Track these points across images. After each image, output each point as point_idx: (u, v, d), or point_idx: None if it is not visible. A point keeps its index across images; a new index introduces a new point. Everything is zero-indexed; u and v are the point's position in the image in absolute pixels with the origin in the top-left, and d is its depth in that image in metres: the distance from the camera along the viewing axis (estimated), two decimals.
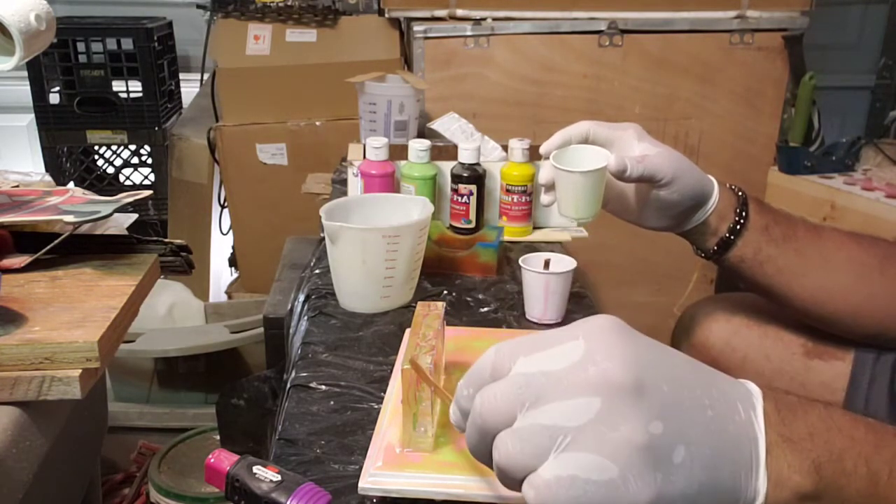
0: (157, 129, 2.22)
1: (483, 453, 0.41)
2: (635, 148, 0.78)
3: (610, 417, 0.37)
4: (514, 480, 0.39)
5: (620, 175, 0.75)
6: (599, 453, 0.37)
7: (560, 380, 0.38)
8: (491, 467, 0.41)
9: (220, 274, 2.17)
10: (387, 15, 1.77)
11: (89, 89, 2.19)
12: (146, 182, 2.44)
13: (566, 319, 0.93)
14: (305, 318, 0.94)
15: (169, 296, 1.87)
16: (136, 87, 2.20)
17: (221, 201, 2.03)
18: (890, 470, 0.43)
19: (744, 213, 0.79)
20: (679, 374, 0.41)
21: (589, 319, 0.42)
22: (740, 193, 0.81)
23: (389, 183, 1.12)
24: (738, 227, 0.79)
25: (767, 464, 0.41)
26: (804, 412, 0.44)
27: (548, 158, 0.82)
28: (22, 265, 0.84)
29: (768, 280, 0.80)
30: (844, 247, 0.80)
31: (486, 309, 0.96)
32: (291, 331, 1.02)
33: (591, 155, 0.82)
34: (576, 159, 0.82)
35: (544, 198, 0.85)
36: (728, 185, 0.82)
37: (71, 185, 2.23)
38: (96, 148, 2.39)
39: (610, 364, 0.38)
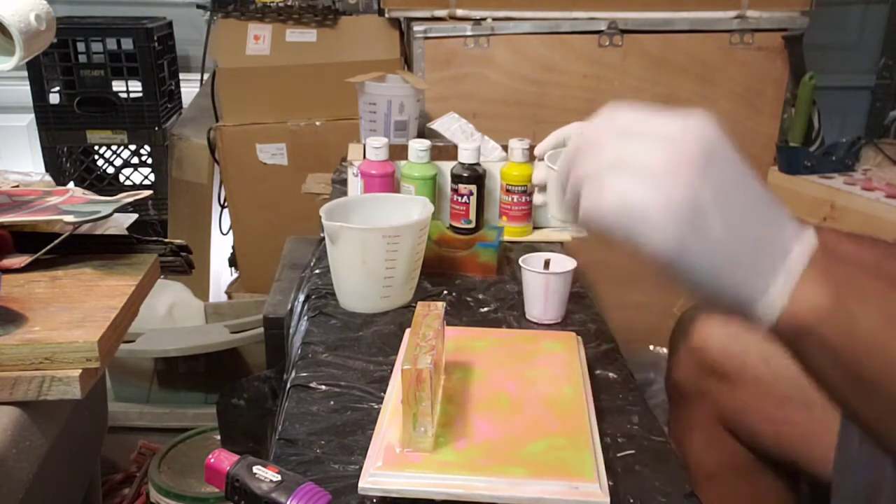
0: (157, 129, 2.22)
1: (564, 180, 0.48)
2: None
3: (671, 169, 0.43)
4: (579, 187, 0.46)
5: None
6: (650, 189, 0.43)
7: (650, 133, 0.44)
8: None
9: (220, 274, 2.17)
10: (387, 15, 1.77)
11: (89, 89, 2.19)
12: (146, 182, 2.44)
13: (566, 319, 0.93)
14: (305, 318, 0.94)
15: (169, 296, 1.87)
16: (136, 87, 2.20)
17: (221, 201, 2.02)
18: None
19: None
20: (748, 180, 0.45)
21: (696, 112, 0.46)
22: None
23: (389, 183, 1.12)
24: None
25: (797, 283, 0.44)
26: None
27: (542, 159, 0.82)
28: (22, 265, 0.84)
29: None
30: (841, 247, 0.80)
31: (486, 309, 0.96)
32: (291, 331, 1.02)
33: None
34: None
35: (538, 197, 0.85)
36: None
37: (71, 185, 2.23)
38: (96, 148, 2.39)
39: (693, 137, 0.44)
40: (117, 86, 2.21)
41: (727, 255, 0.44)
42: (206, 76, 2.15)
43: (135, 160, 2.48)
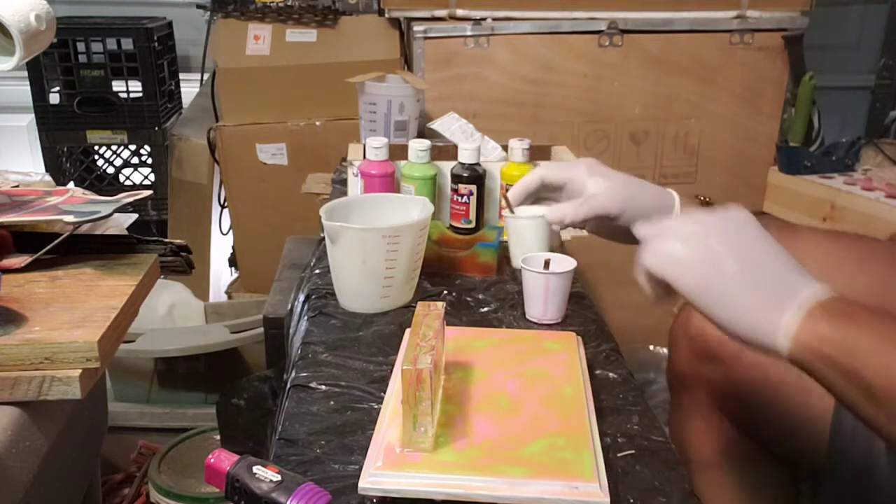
0: (157, 129, 2.22)
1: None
2: (587, 186, 0.80)
3: (699, 235, 0.60)
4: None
5: (561, 224, 0.80)
6: (683, 247, 0.60)
7: (694, 217, 0.62)
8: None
9: (220, 274, 2.17)
10: (387, 15, 1.77)
11: (89, 89, 2.19)
12: (146, 182, 2.44)
13: (566, 319, 0.93)
14: (305, 318, 0.94)
15: (169, 296, 1.87)
16: (136, 87, 2.20)
17: (221, 201, 2.02)
18: None
19: None
20: (767, 245, 0.60)
21: (731, 210, 0.62)
22: (707, 202, 0.84)
23: (389, 183, 1.12)
24: None
25: (804, 316, 0.55)
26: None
27: (511, 209, 0.89)
28: (22, 265, 0.84)
29: None
30: (820, 245, 0.81)
31: (486, 309, 0.96)
32: (291, 331, 1.02)
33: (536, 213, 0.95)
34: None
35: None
36: (697, 197, 0.86)
37: (71, 185, 2.23)
38: (96, 148, 2.39)
39: (723, 217, 0.61)
40: (117, 86, 2.21)
41: (743, 294, 0.57)
42: (206, 76, 2.15)
43: (135, 160, 2.48)
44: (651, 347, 1.80)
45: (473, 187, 1.12)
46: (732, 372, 0.87)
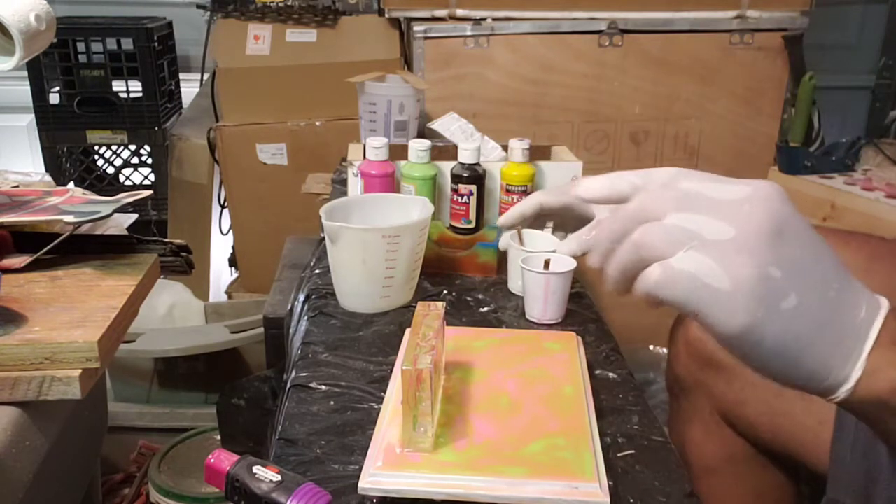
0: (157, 129, 2.22)
1: (616, 242, 0.46)
2: (592, 210, 0.71)
3: (740, 245, 0.42)
4: (642, 260, 0.44)
5: (574, 255, 0.69)
6: (720, 265, 0.42)
7: (715, 203, 0.44)
8: (610, 271, 0.47)
9: (220, 274, 2.17)
10: (387, 15, 1.77)
11: (89, 89, 2.19)
12: (146, 182, 2.44)
13: (566, 319, 0.93)
14: (305, 318, 0.94)
15: (169, 296, 1.87)
16: (136, 87, 2.20)
17: (221, 201, 2.02)
18: None
19: None
20: (822, 255, 0.45)
21: (761, 183, 0.46)
22: None
23: (389, 183, 1.12)
24: None
25: (870, 354, 0.44)
26: None
27: (506, 229, 0.85)
28: (22, 265, 0.84)
29: None
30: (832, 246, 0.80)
31: (486, 309, 0.96)
32: (291, 331, 1.02)
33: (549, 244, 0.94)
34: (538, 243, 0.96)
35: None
36: None
37: (71, 185, 2.23)
38: (96, 148, 2.39)
39: (761, 210, 0.43)
40: (117, 86, 2.21)
41: (799, 333, 0.43)
42: (206, 76, 2.15)
43: (135, 160, 2.48)
44: (651, 347, 1.80)
45: (473, 187, 1.12)
46: (733, 378, 0.87)
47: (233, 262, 2.12)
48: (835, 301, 0.44)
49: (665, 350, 1.70)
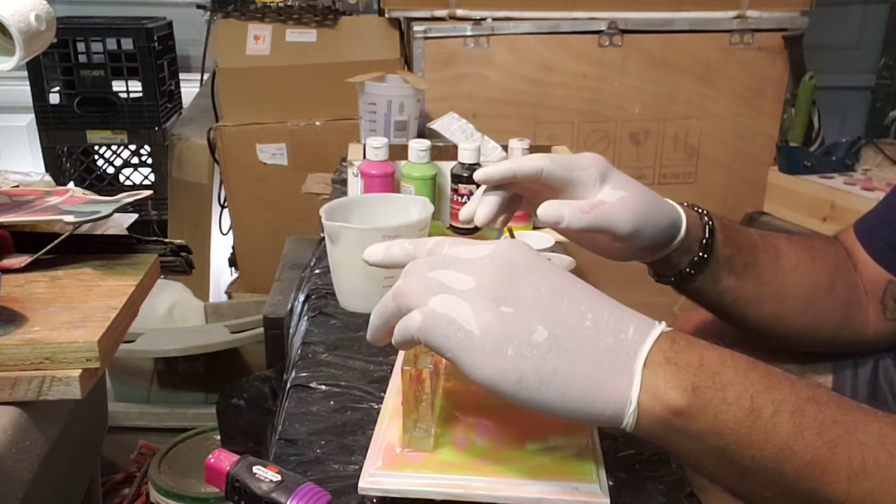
0: (157, 129, 2.22)
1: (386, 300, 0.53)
2: (593, 191, 0.64)
3: (480, 293, 0.46)
4: (399, 309, 0.50)
5: (554, 225, 0.62)
6: (471, 311, 0.45)
7: (463, 261, 0.49)
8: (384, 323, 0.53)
9: (220, 274, 2.17)
10: (387, 15, 1.77)
11: (89, 89, 2.19)
12: (146, 182, 2.44)
13: None
14: (305, 318, 0.94)
15: (169, 296, 1.87)
16: (136, 87, 2.20)
17: (221, 201, 2.03)
18: (774, 410, 0.44)
19: (708, 247, 0.71)
20: (565, 291, 0.48)
21: (503, 242, 0.51)
22: (707, 222, 0.72)
23: (389, 183, 1.12)
24: (701, 261, 0.72)
25: (644, 376, 0.45)
26: (704, 348, 0.47)
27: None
28: (22, 265, 0.84)
29: (723, 308, 0.76)
30: (799, 266, 0.77)
31: None
32: (291, 331, 1.02)
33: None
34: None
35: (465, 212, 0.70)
36: (695, 210, 0.72)
37: (71, 185, 2.23)
38: (96, 148, 2.39)
39: (495, 263, 0.48)
40: (117, 86, 2.21)
41: (558, 365, 0.44)
42: (206, 76, 2.15)
43: (135, 160, 2.48)
44: None
45: (473, 187, 1.12)
46: None
47: (233, 262, 2.12)
48: (591, 330, 0.45)
49: None
